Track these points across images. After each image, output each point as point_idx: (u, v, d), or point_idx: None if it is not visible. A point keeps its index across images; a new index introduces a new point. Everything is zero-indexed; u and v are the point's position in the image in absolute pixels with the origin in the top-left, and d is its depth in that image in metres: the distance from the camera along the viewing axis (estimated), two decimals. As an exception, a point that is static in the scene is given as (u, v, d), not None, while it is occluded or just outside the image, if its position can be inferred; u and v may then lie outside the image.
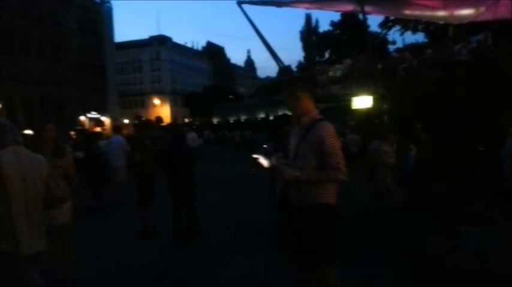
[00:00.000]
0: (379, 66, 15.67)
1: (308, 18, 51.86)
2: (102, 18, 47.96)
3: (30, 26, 37.20)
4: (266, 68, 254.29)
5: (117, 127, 10.84)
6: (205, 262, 5.12)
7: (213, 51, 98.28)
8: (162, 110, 70.97)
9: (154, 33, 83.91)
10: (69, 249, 4.22)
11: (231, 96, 65.39)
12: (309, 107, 3.06)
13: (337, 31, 43.78)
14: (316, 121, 2.99)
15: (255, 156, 3.05)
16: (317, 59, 46.33)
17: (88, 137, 10.22)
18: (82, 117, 42.40)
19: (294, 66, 48.24)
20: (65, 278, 4.02)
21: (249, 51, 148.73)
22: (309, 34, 51.23)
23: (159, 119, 23.31)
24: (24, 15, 36.70)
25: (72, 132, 23.36)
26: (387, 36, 37.50)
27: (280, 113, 30.22)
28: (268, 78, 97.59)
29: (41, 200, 2.76)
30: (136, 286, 4.55)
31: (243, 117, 46.12)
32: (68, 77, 40.75)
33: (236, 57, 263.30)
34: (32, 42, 37.84)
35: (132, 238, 6.21)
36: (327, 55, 45.18)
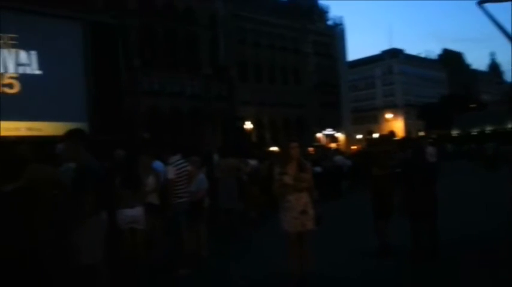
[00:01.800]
0: None
1: None
2: (336, 40, 50.48)
3: (275, 56, 42.37)
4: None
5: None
6: (445, 285, 4.88)
7: (450, 59, 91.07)
8: (395, 124, 69.52)
9: (386, 47, 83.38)
10: (307, 252, 4.76)
11: (472, 105, 59.23)
12: None
13: None
14: None
15: None
16: None
17: (323, 152, 11.00)
18: (319, 134, 45.35)
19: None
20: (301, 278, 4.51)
21: (492, 54, 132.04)
22: None
23: (392, 134, 23.06)
24: (270, 47, 42.03)
25: (311, 149, 25.34)
26: None
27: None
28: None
29: None
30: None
31: (488, 128, 41.12)
32: (307, 98, 44.46)
33: (477, 62, 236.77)
34: (276, 70, 42.98)
35: (367, 253, 6.35)
36: None
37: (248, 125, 36.25)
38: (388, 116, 74.59)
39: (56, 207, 3.49)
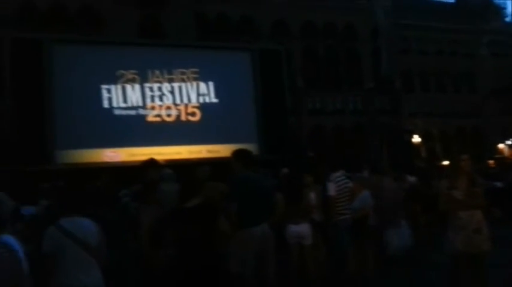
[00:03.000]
0: None
1: None
2: (516, 38, 44.52)
3: (444, 63, 39.38)
4: None
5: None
6: None
7: None
8: None
9: None
10: (482, 279, 4.32)
11: None
12: None
13: None
14: None
15: None
16: None
17: (506, 166, 9.84)
18: (501, 145, 40.22)
19: None
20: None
21: None
22: None
23: None
24: (438, 53, 39.30)
25: (491, 161, 22.67)
26: None
27: None
28: None
29: None
30: None
31: None
32: (484, 105, 40.01)
33: None
34: (446, 78, 39.85)
35: None
36: None
37: (416, 138, 34.26)
38: None
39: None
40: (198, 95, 22.36)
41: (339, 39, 33.39)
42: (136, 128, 20.75)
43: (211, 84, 22.39)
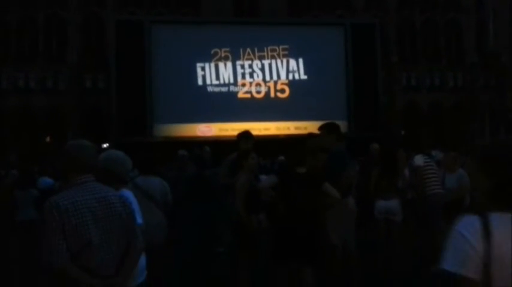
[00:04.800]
0: None
1: None
2: None
3: None
4: None
5: None
6: None
7: None
8: None
9: None
10: None
11: None
12: None
13: None
14: None
15: None
16: None
17: None
18: None
19: None
20: None
21: None
22: None
23: None
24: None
25: None
26: None
27: None
28: None
29: None
30: None
31: None
32: None
33: None
34: None
35: None
36: None
37: (525, 117, 31.18)
38: None
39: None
40: (288, 71, 22.44)
41: (439, 10, 31.13)
42: (228, 105, 21.52)
43: (301, 60, 22.32)
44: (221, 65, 22.07)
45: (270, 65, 22.36)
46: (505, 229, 1.35)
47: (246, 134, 4.66)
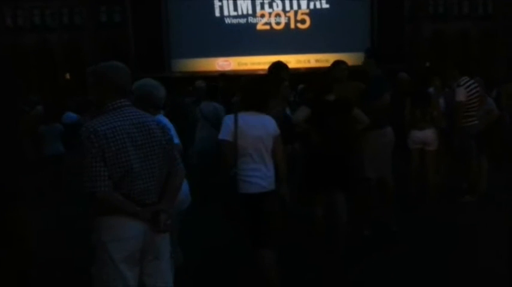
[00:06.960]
0: None
1: None
2: None
3: None
4: None
5: None
6: None
7: None
8: None
9: None
10: None
11: None
12: None
13: None
14: None
15: None
16: None
17: None
18: None
19: None
20: None
21: None
22: None
23: None
24: None
25: None
26: None
27: None
28: None
29: None
30: None
31: None
32: None
33: None
34: None
35: None
36: None
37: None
38: None
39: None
40: (309, 0, 21.36)
41: None
42: (246, 37, 20.81)
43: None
44: (239, -6, 21.19)
45: (290, -7, 21.34)
46: None
47: (280, 64, 4.47)
